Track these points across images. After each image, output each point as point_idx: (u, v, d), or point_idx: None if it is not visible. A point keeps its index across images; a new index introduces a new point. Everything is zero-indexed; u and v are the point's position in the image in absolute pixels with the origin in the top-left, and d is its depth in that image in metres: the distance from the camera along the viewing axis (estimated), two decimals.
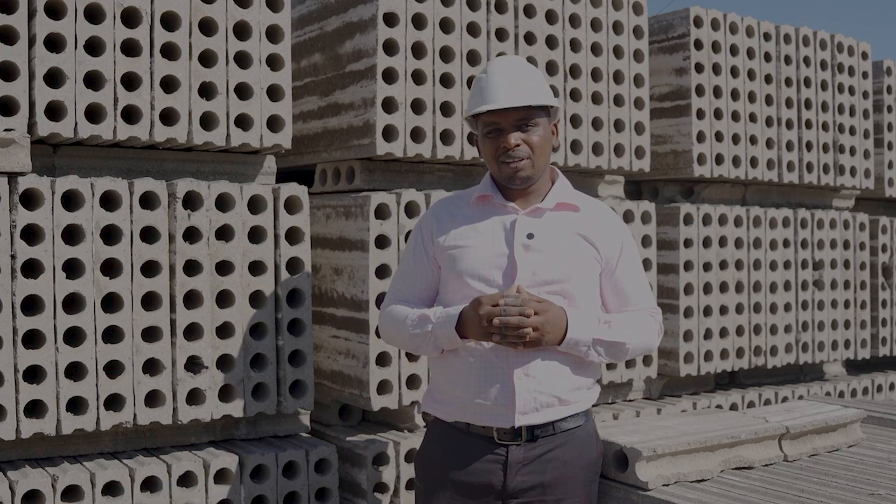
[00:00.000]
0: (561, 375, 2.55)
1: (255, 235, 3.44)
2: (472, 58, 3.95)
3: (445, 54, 3.91)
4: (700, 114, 4.83)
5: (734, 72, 4.97)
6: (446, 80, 3.90)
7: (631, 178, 4.98)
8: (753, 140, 5.06)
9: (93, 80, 3.20)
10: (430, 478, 2.65)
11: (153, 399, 3.24)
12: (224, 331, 3.37)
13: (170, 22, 3.33)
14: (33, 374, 3.06)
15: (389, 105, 3.77)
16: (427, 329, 2.56)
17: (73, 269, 3.10)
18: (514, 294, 2.45)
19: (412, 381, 3.76)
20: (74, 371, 3.11)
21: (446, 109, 3.89)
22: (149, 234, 3.23)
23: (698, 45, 4.84)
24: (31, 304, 3.04)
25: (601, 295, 2.67)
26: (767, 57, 5.12)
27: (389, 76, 3.78)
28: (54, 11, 3.13)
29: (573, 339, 2.50)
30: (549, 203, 2.61)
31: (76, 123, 3.14)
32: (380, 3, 3.72)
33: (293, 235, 3.53)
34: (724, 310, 4.84)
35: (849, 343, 5.44)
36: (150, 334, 3.23)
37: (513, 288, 2.47)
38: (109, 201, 3.17)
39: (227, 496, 3.29)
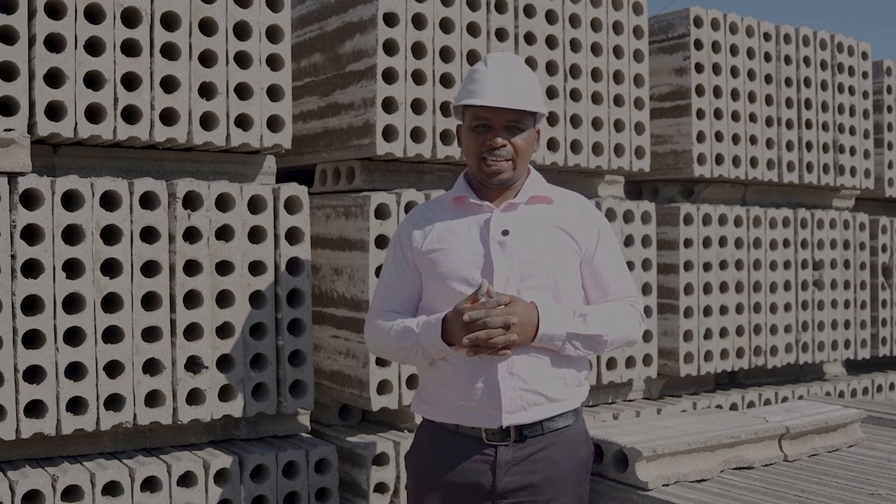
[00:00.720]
0: (546, 372, 2.53)
1: (255, 235, 3.44)
2: (472, 58, 3.94)
3: (445, 54, 3.91)
4: (700, 114, 4.83)
5: (734, 72, 4.97)
6: (446, 80, 3.89)
7: (631, 178, 4.98)
8: (753, 140, 5.06)
9: (93, 80, 3.20)
10: (421, 478, 2.64)
11: (153, 399, 3.24)
12: (224, 331, 3.37)
13: (170, 22, 3.32)
14: (33, 374, 3.06)
15: (389, 105, 3.77)
16: (412, 341, 2.54)
17: (73, 269, 3.10)
18: (481, 304, 2.41)
19: (412, 381, 3.75)
20: (74, 371, 3.11)
21: (446, 109, 3.89)
22: (149, 234, 3.23)
23: (698, 45, 4.84)
24: (31, 304, 3.04)
25: (583, 286, 2.65)
26: (767, 57, 5.12)
27: (389, 76, 3.78)
28: (54, 11, 3.13)
29: (546, 334, 2.47)
30: (522, 197, 2.60)
31: (76, 123, 3.14)
32: (380, 3, 3.72)
33: (293, 235, 3.53)
34: (724, 310, 4.84)
35: (849, 343, 5.44)
36: (150, 334, 3.23)
37: (483, 286, 2.43)
38: (109, 201, 3.17)
39: (227, 496, 3.29)
